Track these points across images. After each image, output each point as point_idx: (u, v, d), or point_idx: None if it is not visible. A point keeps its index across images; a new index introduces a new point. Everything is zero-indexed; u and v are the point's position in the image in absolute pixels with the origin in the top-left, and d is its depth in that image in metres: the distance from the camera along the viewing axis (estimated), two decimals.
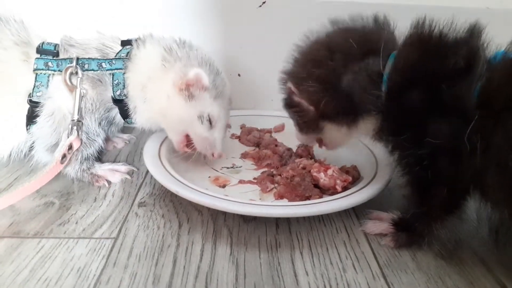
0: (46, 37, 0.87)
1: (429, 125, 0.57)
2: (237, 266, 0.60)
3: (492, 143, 0.53)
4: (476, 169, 0.55)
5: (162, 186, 0.76)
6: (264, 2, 1.10)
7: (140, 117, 0.86)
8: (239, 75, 1.17)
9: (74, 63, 0.80)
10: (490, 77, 0.54)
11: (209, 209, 0.72)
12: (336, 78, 0.65)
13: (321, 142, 0.78)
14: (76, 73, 0.80)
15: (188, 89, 0.80)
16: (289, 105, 0.73)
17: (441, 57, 0.58)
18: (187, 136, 0.84)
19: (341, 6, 1.08)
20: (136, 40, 0.86)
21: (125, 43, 0.86)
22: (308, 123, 0.72)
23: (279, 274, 0.59)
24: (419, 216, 0.63)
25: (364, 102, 0.63)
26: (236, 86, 1.16)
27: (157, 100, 0.82)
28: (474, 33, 0.60)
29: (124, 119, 0.88)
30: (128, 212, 0.73)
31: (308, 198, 0.75)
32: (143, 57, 0.84)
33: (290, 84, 0.71)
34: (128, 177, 0.85)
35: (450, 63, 0.56)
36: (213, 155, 0.84)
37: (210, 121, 0.83)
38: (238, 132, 1.06)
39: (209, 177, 0.85)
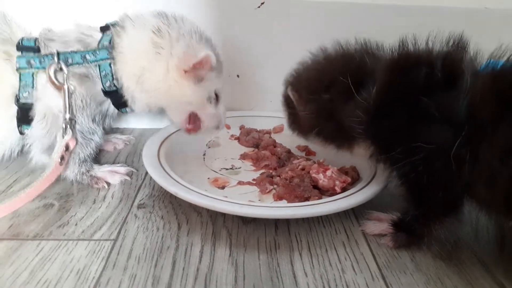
0: (30, 30, 0.84)
1: (420, 133, 0.58)
2: (236, 267, 0.60)
3: (480, 158, 0.54)
4: (467, 181, 0.56)
5: (161, 187, 0.76)
6: (262, 3, 1.10)
7: (139, 105, 0.85)
8: (238, 76, 1.17)
9: (55, 59, 0.77)
10: (473, 91, 0.55)
11: (208, 210, 0.72)
12: (329, 109, 0.69)
13: None
14: (61, 69, 0.77)
15: (194, 71, 0.79)
16: (287, 103, 0.79)
17: (414, 73, 0.59)
18: (192, 114, 0.84)
19: (340, 7, 1.09)
20: (113, 25, 0.81)
21: (104, 29, 0.82)
22: (297, 128, 0.79)
23: (278, 275, 0.59)
24: (418, 218, 0.63)
25: (354, 130, 0.65)
26: (235, 87, 1.17)
27: (158, 88, 0.81)
28: (459, 45, 0.61)
29: (118, 109, 0.87)
30: (128, 213, 0.73)
31: (307, 199, 0.75)
32: (129, 45, 0.80)
33: (290, 92, 0.75)
34: (127, 178, 0.85)
35: (424, 76, 0.58)
36: (217, 127, 0.88)
37: (216, 97, 0.85)
38: (237, 133, 1.06)
39: (208, 178, 0.85)
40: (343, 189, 0.76)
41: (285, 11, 1.10)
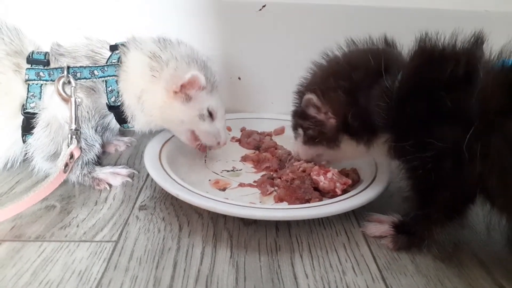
0: (39, 43, 0.86)
1: (434, 129, 0.59)
2: (237, 269, 0.60)
3: (491, 149, 0.54)
4: (479, 175, 0.56)
5: (162, 189, 0.76)
6: (264, 6, 1.10)
7: (139, 123, 0.87)
8: (239, 78, 1.17)
9: (65, 73, 0.80)
10: (485, 85, 0.56)
11: (209, 212, 0.72)
12: (358, 92, 0.67)
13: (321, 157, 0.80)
14: (69, 82, 0.80)
15: (184, 91, 0.82)
16: (303, 117, 0.75)
17: (440, 68, 0.59)
18: (193, 132, 0.86)
19: (341, 10, 1.09)
20: (122, 45, 0.86)
21: (114, 47, 0.86)
22: (324, 135, 0.73)
23: (279, 277, 0.59)
24: (420, 219, 0.63)
25: (377, 117, 0.64)
26: (236, 90, 1.17)
27: (154, 108, 0.84)
28: (476, 42, 0.61)
29: (120, 125, 0.89)
30: (129, 215, 0.73)
31: (308, 201, 0.75)
32: (130, 66, 0.84)
33: (310, 95, 0.72)
34: (129, 179, 0.85)
35: (447, 72, 0.58)
36: (219, 143, 0.88)
37: (210, 115, 0.86)
38: (238, 135, 1.06)
39: (210, 180, 0.85)
40: (344, 191, 0.76)
41: (286, 14, 1.11)
